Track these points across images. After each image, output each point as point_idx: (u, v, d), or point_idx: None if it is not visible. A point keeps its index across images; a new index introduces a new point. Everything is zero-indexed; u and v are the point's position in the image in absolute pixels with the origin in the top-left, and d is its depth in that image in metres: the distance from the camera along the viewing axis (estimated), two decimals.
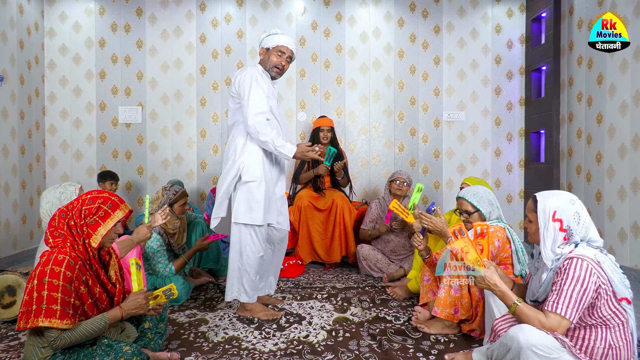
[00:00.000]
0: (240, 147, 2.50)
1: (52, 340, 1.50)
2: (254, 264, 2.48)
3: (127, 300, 1.71)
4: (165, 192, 2.85)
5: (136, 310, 1.71)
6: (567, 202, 1.59)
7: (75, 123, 4.71)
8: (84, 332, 1.55)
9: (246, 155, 2.48)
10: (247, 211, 2.44)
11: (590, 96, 3.93)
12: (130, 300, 1.72)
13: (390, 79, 4.82)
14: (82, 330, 1.55)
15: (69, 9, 4.69)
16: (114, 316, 1.65)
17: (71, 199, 2.34)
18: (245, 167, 2.46)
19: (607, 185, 3.69)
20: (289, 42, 2.55)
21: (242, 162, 2.47)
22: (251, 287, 2.50)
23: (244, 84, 2.45)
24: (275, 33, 2.56)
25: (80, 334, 1.54)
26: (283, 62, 2.57)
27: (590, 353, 1.51)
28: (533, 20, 4.71)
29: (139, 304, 1.72)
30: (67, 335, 1.52)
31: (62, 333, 1.51)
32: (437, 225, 2.30)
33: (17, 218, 4.11)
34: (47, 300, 1.47)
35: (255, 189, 2.45)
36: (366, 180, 4.83)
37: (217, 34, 4.75)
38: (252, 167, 2.46)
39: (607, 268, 1.51)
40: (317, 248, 3.76)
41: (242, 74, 2.49)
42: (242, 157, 2.47)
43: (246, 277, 2.48)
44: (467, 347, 2.10)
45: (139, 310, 1.72)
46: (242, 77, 2.48)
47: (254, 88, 2.43)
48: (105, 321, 1.61)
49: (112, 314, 1.65)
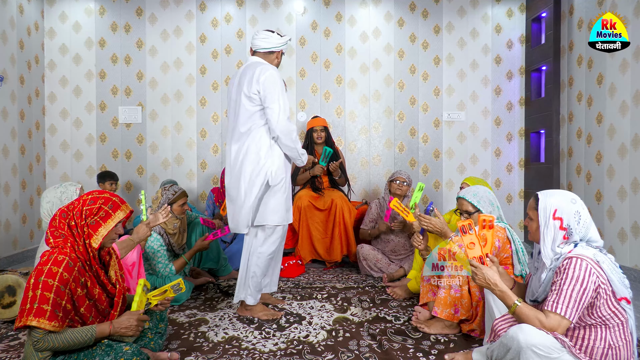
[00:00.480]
0: (265, 150, 2.42)
1: (36, 340, 1.48)
2: (265, 265, 2.50)
3: (120, 319, 1.68)
4: (164, 192, 2.86)
5: (125, 330, 1.67)
6: (568, 201, 1.59)
7: (75, 123, 4.71)
8: (68, 340, 1.52)
9: (273, 159, 2.44)
10: (276, 213, 2.45)
11: (590, 96, 3.93)
12: (123, 319, 1.68)
13: (390, 79, 4.82)
14: (67, 337, 1.52)
15: (69, 9, 4.69)
16: (101, 331, 1.61)
17: (72, 199, 2.34)
18: (274, 171, 2.43)
19: (607, 185, 3.70)
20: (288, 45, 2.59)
21: (270, 167, 2.42)
22: (257, 289, 2.52)
23: (273, 85, 2.36)
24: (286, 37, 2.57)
25: (65, 341, 1.51)
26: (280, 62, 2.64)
27: (590, 353, 1.51)
28: (533, 20, 4.71)
29: (129, 325, 1.68)
30: (51, 338, 1.49)
31: (47, 335, 1.48)
32: (436, 225, 2.30)
33: (17, 218, 4.11)
34: (39, 299, 1.46)
35: (282, 191, 2.47)
36: (366, 180, 4.83)
37: (217, 34, 4.75)
38: (279, 171, 2.45)
39: (606, 268, 1.51)
40: (317, 247, 3.76)
41: (265, 74, 2.36)
42: (269, 161, 2.42)
43: (255, 279, 2.49)
44: (467, 347, 2.10)
45: (128, 332, 1.67)
46: (267, 76, 2.36)
47: (282, 90, 2.39)
48: (92, 334, 1.58)
49: (100, 329, 1.61)
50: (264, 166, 2.41)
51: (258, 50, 2.54)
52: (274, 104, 2.35)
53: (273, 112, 2.36)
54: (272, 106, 2.35)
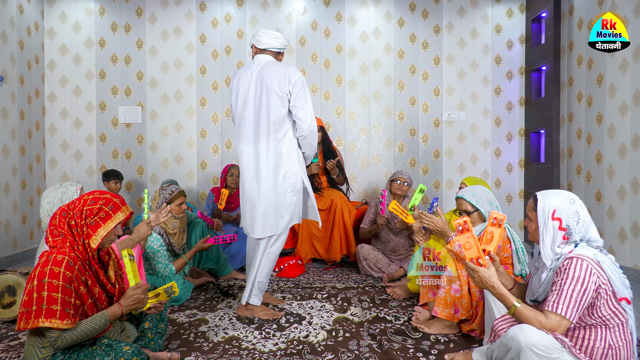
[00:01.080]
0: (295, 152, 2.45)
1: (54, 340, 1.50)
2: (272, 265, 2.53)
3: (125, 297, 1.70)
4: (161, 192, 2.86)
5: (135, 305, 1.69)
6: (567, 201, 1.59)
7: (75, 123, 4.71)
8: (84, 331, 1.55)
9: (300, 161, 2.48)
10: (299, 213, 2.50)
11: (590, 96, 3.93)
12: (128, 295, 1.69)
13: (390, 79, 4.82)
14: (83, 329, 1.55)
15: (69, 9, 4.69)
16: (113, 313, 1.64)
17: (72, 199, 2.34)
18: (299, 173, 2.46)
19: (607, 185, 3.70)
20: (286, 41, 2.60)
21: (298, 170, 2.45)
22: (261, 290, 2.55)
23: (303, 87, 2.39)
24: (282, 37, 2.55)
25: (81, 333, 1.54)
26: None
27: (590, 353, 1.51)
28: (533, 20, 4.71)
29: (137, 299, 1.69)
30: (68, 335, 1.52)
31: (62, 333, 1.51)
32: (438, 224, 2.30)
33: (17, 218, 4.11)
34: (47, 300, 1.47)
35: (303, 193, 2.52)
36: (366, 180, 4.83)
37: (217, 34, 4.75)
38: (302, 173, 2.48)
39: (606, 268, 1.51)
40: (317, 246, 3.77)
41: (297, 74, 2.38)
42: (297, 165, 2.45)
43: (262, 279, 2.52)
44: (467, 347, 2.10)
45: (139, 305, 1.69)
46: (298, 77, 2.38)
47: (309, 92, 2.44)
48: (105, 318, 1.60)
49: (111, 311, 1.64)
50: (295, 169, 2.43)
51: (270, 49, 2.50)
52: (307, 104, 2.38)
53: (306, 112, 2.38)
54: (305, 106, 2.38)
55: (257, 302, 2.52)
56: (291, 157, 2.42)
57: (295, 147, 2.45)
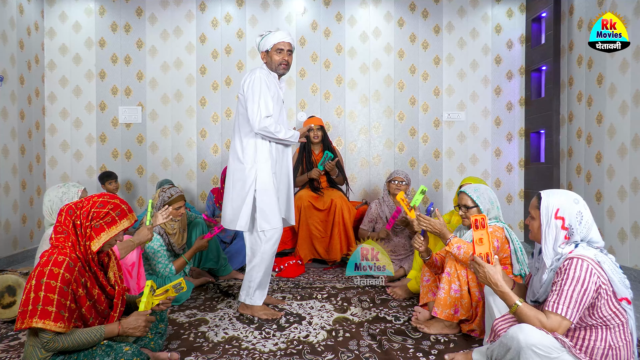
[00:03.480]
0: (251, 153, 2.50)
1: (46, 342, 1.50)
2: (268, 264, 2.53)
3: (128, 319, 1.70)
4: (161, 194, 2.86)
5: (133, 331, 1.69)
6: (571, 201, 1.59)
7: (75, 123, 4.71)
8: (77, 340, 1.54)
9: (260, 164, 2.49)
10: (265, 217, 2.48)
11: (590, 96, 3.93)
12: (131, 319, 1.70)
13: (390, 79, 4.82)
14: (77, 338, 1.54)
15: (69, 9, 4.69)
16: (110, 331, 1.64)
17: (72, 200, 2.34)
18: (259, 174, 2.48)
19: (607, 185, 3.69)
20: (283, 36, 2.56)
21: (257, 169, 2.49)
22: (261, 288, 2.56)
23: (253, 87, 2.45)
24: (268, 33, 2.58)
25: (75, 342, 1.54)
26: (286, 58, 2.59)
27: (590, 353, 1.51)
28: (533, 20, 4.71)
29: (138, 326, 1.70)
30: (60, 339, 1.51)
31: (55, 336, 1.50)
32: (436, 227, 2.29)
33: (17, 218, 4.11)
34: (43, 301, 1.47)
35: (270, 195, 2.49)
36: (366, 180, 4.83)
37: (217, 34, 4.75)
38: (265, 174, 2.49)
39: (607, 268, 1.51)
40: (317, 246, 3.77)
41: (250, 77, 2.49)
42: (256, 166, 2.49)
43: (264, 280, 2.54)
44: (467, 347, 2.10)
45: (136, 332, 1.69)
46: (250, 80, 2.48)
47: (264, 91, 2.45)
48: (101, 334, 1.60)
49: (109, 329, 1.64)
50: (252, 168, 2.49)
51: None
52: (254, 104, 2.44)
53: (252, 111, 2.44)
54: (252, 106, 2.45)
55: (258, 302, 2.54)
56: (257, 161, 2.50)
57: (254, 151, 2.51)
